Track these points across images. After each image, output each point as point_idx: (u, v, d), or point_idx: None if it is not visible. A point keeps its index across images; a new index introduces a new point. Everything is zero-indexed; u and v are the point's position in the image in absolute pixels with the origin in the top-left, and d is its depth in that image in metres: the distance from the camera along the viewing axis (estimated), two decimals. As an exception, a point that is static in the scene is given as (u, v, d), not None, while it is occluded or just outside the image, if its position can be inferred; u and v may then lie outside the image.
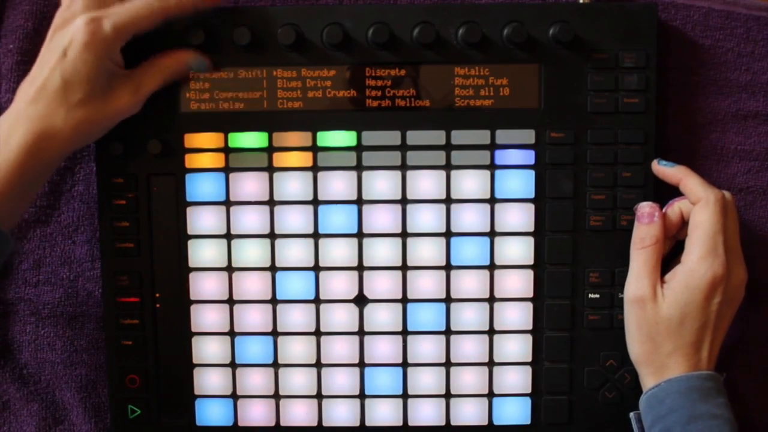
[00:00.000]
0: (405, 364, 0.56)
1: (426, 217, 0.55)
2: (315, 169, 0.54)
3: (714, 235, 0.50)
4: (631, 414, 0.53)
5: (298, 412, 0.56)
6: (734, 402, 0.50)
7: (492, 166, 0.54)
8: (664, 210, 0.53)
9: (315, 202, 0.55)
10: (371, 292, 0.55)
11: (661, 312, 0.50)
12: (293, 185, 0.55)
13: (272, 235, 0.55)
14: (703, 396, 0.49)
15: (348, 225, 0.55)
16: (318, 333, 0.56)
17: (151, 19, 0.49)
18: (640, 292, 0.51)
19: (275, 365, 0.56)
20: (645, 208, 0.53)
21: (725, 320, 0.51)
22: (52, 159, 0.48)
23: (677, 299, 0.50)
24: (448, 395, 0.56)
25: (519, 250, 0.55)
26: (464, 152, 0.54)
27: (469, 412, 0.56)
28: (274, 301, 0.56)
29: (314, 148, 0.54)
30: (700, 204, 0.50)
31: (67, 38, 0.48)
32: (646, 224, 0.52)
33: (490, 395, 0.56)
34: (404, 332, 0.56)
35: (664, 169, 0.53)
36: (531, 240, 0.55)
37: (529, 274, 0.55)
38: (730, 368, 0.56)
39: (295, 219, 0.55)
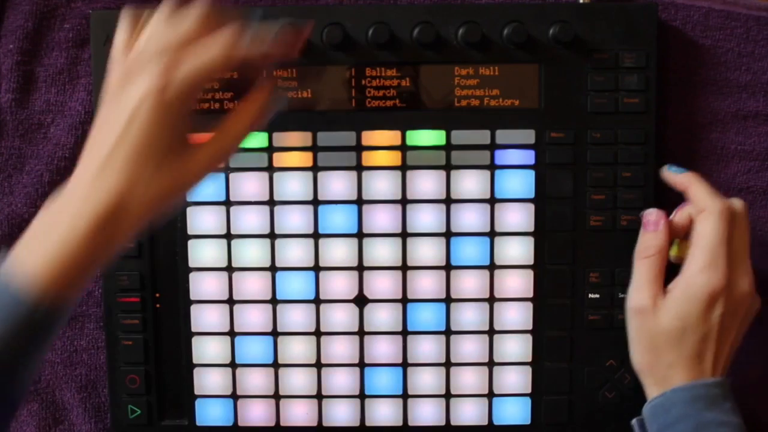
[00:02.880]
0: (405, 364, 0.56)
1: (426, 217, 0.55)
2: (315, 169, 0.54)
3: (715, 247, 0.49)
4: (633, 421, 0.52)
5: (298, 412, 0.56)
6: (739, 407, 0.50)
7: (492, 166, 0.54)
8: (671, 216, 0.52)
9: (315, 202, 0.55)
10: (371, 292, 0.55)
11: (662, 323, 0.49)
12: (293, 185, 0.55)
13: (272, 235, 0.55)
14: (710, 404, 0.48)
15: (348, 225, 0.55)
16: (318, 333, 0.56)
17: (226, 67, 0.41)
18: (641, 302, 0.50)
19: (275, 365, 0.56)
20: (651, 215, 0.52)
21: (730, 332, 0.50)
22: (125, 238, 0.41)
23: (678, 310, 0.49)
24: (448, 395, 0.56)
25: (519, 250, 0.55)
26: (464, 152, 0.54)
27: (469, 412, 0.56)
28: (274, 301, 0.56)
29: (314, 148, 0.54)
30: (704, 214, 0.50)
31: (135, 96, 0.40)
32: (650, 232, 0.52)
33: (490, 395, 0.56)
34: (404, 332, 0.56)
35: (673, 176, 0.53)
36: (531, 240, 0.55)
37: (529, 274, 0.55)
38: (733, 372, 0.56)
39: (295, 219, 0.55)
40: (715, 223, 0.49)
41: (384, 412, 0.56)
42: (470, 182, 0.54)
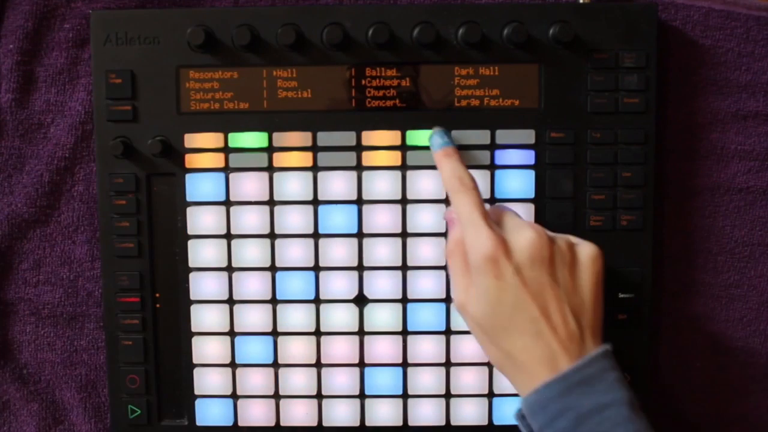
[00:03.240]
0: (405, 364, 0.56)
1: (426, 217, 0.55)
2: (315, 169, 0.55)
3: (467, 216, 0.48)
4: (515, 414, 0.47)
5: (298, 412, 0.56)
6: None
7: (492, 166, 0.54)
8: None
9: (315, 202, 0.55)
10: (371, 292, 0.55)
11: (476, 310, 0.47)
12: (293, 185, 0.55)
13: (272, 235, 0.55)
14: (588, 387, 0.44)
15: (348, 225, 0.55)
16: (318, 333, 0.56)
17: None
18: (457, 298, 0.49)
19: (275, 365, 0.56)
20: (448, 213, 0.52)
21: (553, 289, 0.46)
22: None
23: (477, 291, 0.47)
24: (448, 395, 0.56)
25: (519, 250, 0.55)
26: (464, 152, 0.54)
27: (469, 412, 0.56)
28: (274, 301, 0.56)
29: (314, 148, 0.54)
30: (450, 194, 0.50)
31: None
32: (450, 230, 0.51)
33: (490, 395, 0.56)
34: (404, 332, 0.56)
35: (432, 148, 0.52)
36: (531, 240, 0.55)
37: (529, 274, 0.55)
38: (737, 361, 0.56)
39: (295, 219, 0.55)
40: (455, 197, 0.49)
41: (384, 412, 0.56)
42: (470, 182, 0.54)
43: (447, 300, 0.55)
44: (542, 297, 0.46)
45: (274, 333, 0.56)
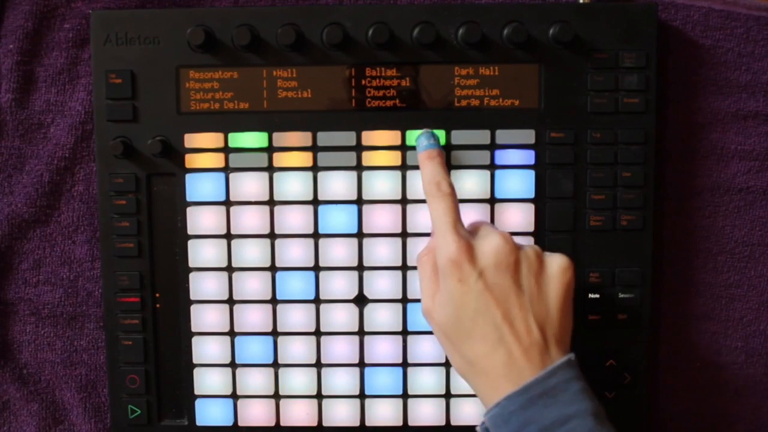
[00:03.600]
0: (405, 364, 0.56)
1: (426, 217, 0.55)
2: (315, 169, 0.55)
3: (437, 220, 0.48)
4: (478, 427, 0.47)
5: (298, 412, 0.56)
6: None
7: (492, 166, 0.54)
8: None
9: (315, 202, 0.55)
10: (371, 292, 0.55)
11: (440, 318, 0.48)
12: (293, 185, 0.55)
13: (272, 235, 0.55)
14: (550, 399, 0.44)
15: (348, 225, 0.55)
16: (318, 333, 0.56)
17: None
18: (424, 305, 0.49)
19: (275, 365, 0.56)
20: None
21: (519, 296, 0.46)
22: None
23: (441, 295, 0.48)
24: (448, 395, 0.56)
25: (519, 250, 0.55)
26: (464, 152, 0.54)
27: (469, 412, 0.56)
28: (274, 301, 0.56)
29: (314, 148, 0.54)
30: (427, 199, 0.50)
31: None
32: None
33: (490, 395, 0.56)
34: (404, 332, 0.56)
35: (417, 149, 0.52)
36: (531, 240, 0.55)
37: (529, 274, 0.55)
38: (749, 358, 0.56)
39: (295, 219, 0.55)
40: (430, 201, 0.49)
41: (384, 412, 0.56)
42: (470, 182, 0.54)
43: (447, 300, 0.55)
44: (506, 303, 0.46)
45: (274, 333, 0.56)
